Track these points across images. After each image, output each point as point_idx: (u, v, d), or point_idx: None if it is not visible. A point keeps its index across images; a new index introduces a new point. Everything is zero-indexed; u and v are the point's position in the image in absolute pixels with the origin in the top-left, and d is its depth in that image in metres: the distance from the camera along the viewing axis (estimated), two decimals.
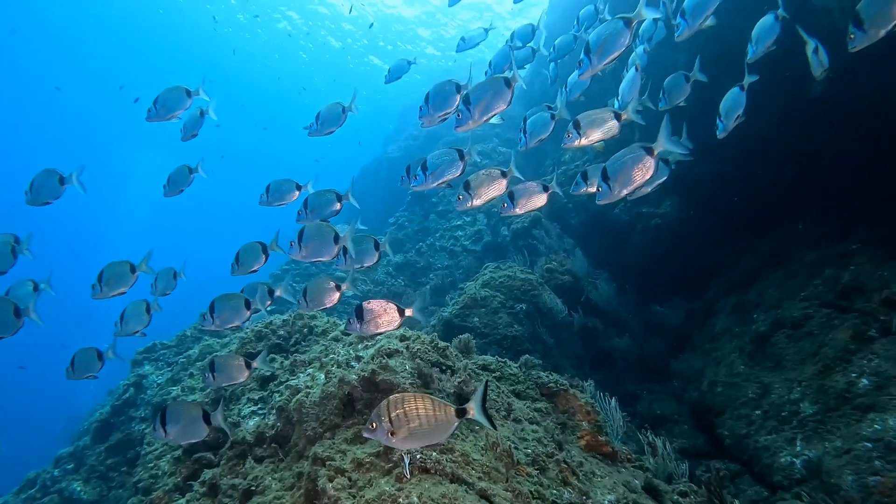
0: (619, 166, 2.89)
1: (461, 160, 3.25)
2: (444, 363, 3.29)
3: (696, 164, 6.68)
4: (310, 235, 3.29)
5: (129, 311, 3.73)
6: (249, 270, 3.66)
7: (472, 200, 3.24)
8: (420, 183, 3.32)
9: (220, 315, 3.43)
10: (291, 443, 3.23)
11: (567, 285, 7.75)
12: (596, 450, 3.44)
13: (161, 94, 3.89)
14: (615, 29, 3.25)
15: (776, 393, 5.83)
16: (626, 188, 2.94)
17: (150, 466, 4.33)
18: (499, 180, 3.22)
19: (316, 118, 3.92)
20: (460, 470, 2.54)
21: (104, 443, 6.57)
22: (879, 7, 2.80)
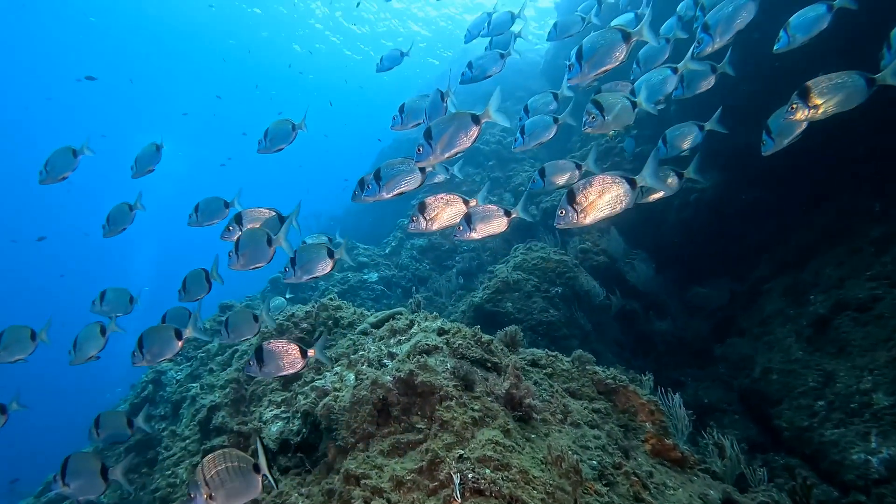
0: (592, 193, 2.71)
1: (421, 172, 3.07)
2: (488, 360, 2.88)
3: (738, 134, 6.12)
4: (245, 243, 3.15)
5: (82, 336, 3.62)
6: (194, 299, 3.68)
7: (430, 225, 3.06)
8: (373, 194, 3.12)
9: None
10: (319, 452, 2.86)
11: (602, 266, 7.28)
12: (663, 455, 3.02)
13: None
14: (612, 40, 3.14)
15: (842, 382, 5.32)
16: (592, 216, 2.77)
17: (168, 474, 4.04)
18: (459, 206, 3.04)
19: (265, 135, 3.87)
20: (519, 490, 2.14)
21: (123, 442, 6.33)
22: None
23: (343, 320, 3.97)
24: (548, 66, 12.12)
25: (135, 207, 4.16)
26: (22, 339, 3.65)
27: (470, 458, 2.23)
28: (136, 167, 4.37)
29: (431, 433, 2.44)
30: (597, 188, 2.70)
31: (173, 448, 4.46)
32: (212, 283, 3.75)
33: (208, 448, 3.83)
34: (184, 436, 4.52)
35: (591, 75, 3.29)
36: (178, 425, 4.82)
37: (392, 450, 2.49)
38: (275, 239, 3.17)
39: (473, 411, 2.47)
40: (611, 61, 3.19)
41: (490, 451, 2.25)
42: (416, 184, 3.09)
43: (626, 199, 2.66)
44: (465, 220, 2.99)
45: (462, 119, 3.00)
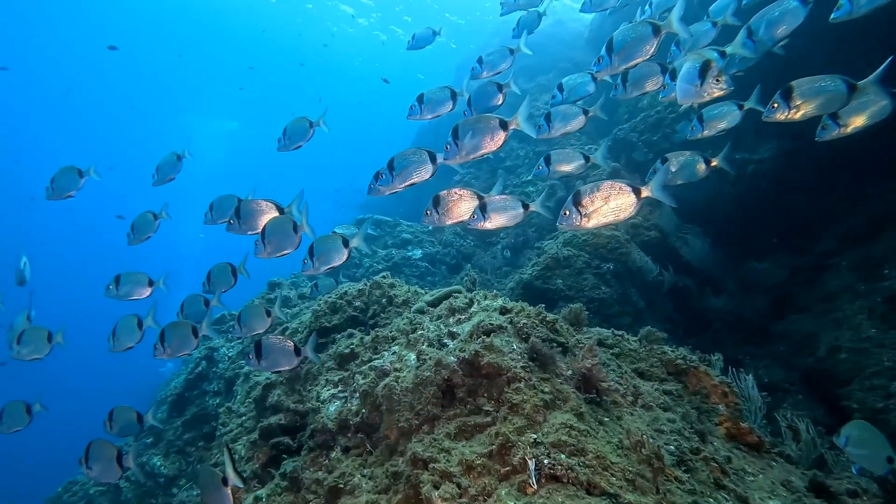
0: (598, 198, 2.68)
1: (433, 163, 3.12)
2: (554, 339, 2.76)
3: None
4: (271, 231, 3.24)
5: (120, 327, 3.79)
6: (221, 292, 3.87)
7: (443, 219, 3.13)
8: (386, 183, 3.18)
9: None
10: (381, 433, 2.81)
11: (653, 242, 7.01)
12: (738, 439, 2.87)
13: None
14: (642, 34, 3.11)
15: None
16: (595, 221, 2.73)
17: None
18: (471, 201, 3.08)
19: (284, 133, 3.91)
20: (597, 477, 2.03)
21: (180, 417, 6.53)
22: None
23: (397, 298, 3.91)
24: (593, 35, 11.64)
25: (159, 216, 4.28)
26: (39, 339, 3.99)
27: (544, 442, 2.13)
28: (157, 175, 4.48)
29: (500, 416, 2.35)
30: (603, 194, 2.67)
31: (230, 425, 4.53)
32: (238, 276, 3.86)
33: (265, 426, 3.86)
34: (239, 413, 4.59)
35: (620, 68, 3.29)
36: (232, 402, 4.90)
37: (459, 433, 2.41)
38: (300, 225, 3.24)
39: (544, 394, 2.36)
40: (641, 54, 3.17)
41: (565, 436, 2.15)
42: (428, 174, 3.15)
43: (630, 210, 2.66)
44: (479, 209, 3.01)
45: (490, 123, 3.05)
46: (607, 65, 3.30)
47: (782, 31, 3.56)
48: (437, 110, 3.68)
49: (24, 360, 4.14)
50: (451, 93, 3.62)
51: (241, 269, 3.94)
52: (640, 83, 3.93)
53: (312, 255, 3.23)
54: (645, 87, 3.93)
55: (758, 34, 3.73)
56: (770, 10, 3.53)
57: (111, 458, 3.24)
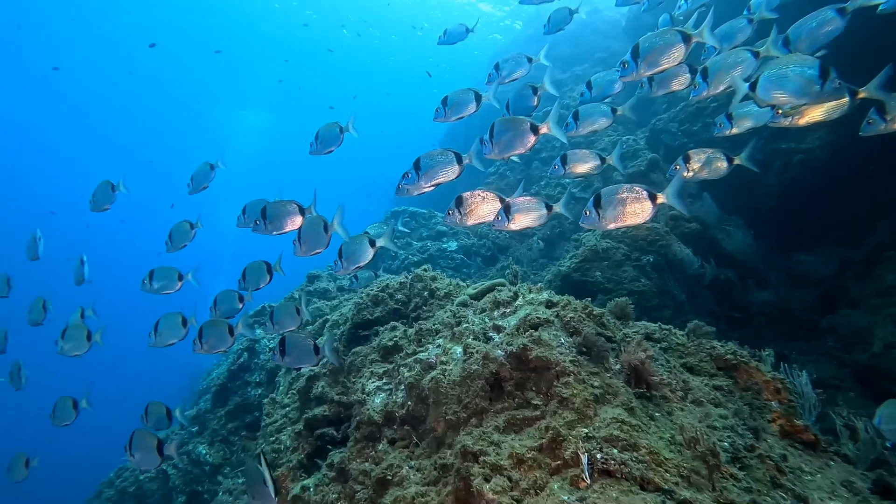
0: (616, 201, 2.77)
1: (459, 164, 3.22)
2: (602, 333, 2.73)
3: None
4: (307, 231, 3.40)
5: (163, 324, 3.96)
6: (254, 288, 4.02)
7: (465, 219, 3.23)
8: (412, 183, 3.30)
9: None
10: (427, 426, 2.84)
11: (694, 234, 6.84)
12: (793, 437, 2.78)
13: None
14: (671, 41, 3.13)
15: None
16: (613, 223, 2.81)
17: (272, 440, 4.20)
18: (494, 203, 3.15)
19: (315, 138, 4.05)
20: (651, 473, 2.01)
21: (224, 407, 6.72)
22: None
23: (439, 291, 3.93)
24: (631, 24, 11.38)
25: (195, 226, 4.49)
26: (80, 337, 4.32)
27: (596, 437, 2.11)
28: (192, 185, 4.68)
29: (550, 410, 2.34)
30: (622, 198, 2.77)
31: (274, 415, 4.64)
32: (273, 274, 3.98)
33: (310, 417, 3.94)
34: (283, 403, 4.69)
35: (645, 74, 3.30)
36: (275, 393, 5.01)
37: (507, 426, 2.42)
38: (331, 225, 3.39)
39: (594, 388, 2.34)
40: (668, 61, 3.18)
41: (616, 431, 2.13)
42: (454, 175, 3.24)
43: (646, 215, 2.76)
44: (503, 211, 3.09)
45: (522, 126, 3.24)
46: (633, 70, 3.31)
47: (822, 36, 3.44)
48: (461, 112, 3.76)
49: (67, 355, 4.37)
50: (474, 95, 3.71)
51: (276, 268, 4.04)
52: (666, 83, 3.94)
53: (342, 256, 3.41)
54: (671, 86, 3.92)
55: (795, 44, 3.61)
56: (808, 20, 3.43)
57: (152, 447, 3.45)
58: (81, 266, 5.23)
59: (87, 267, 5.26)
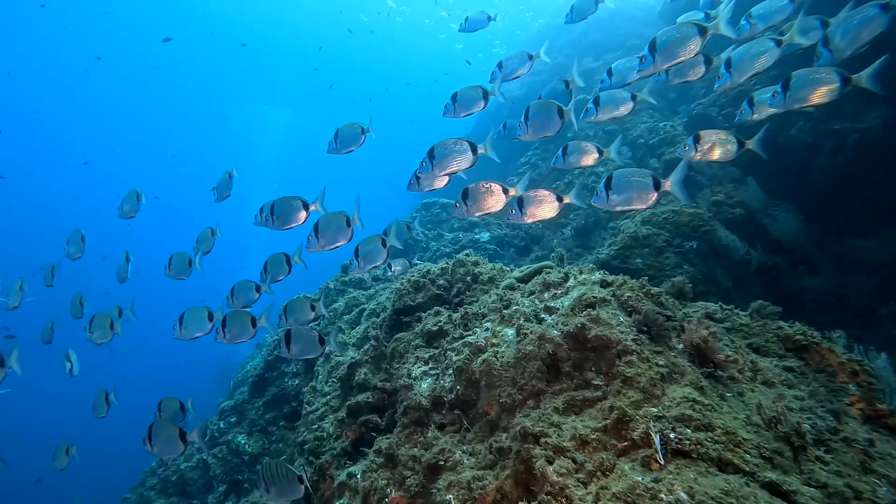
0: (625, 184, 2.92)
1: (473, 153, 3.29)
2: (661, 312, 2.59)
3: None
4: (325, 225, 3.43)
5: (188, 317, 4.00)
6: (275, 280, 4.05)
7: (471, 210, 3.26)
8: (426, 171, 3.37)
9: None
10: (478, 410, 2.75)
11: (738, 219, 6.59)
12: (876, 422, 2.59)
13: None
14: (687, 34, 3.16)
15: None
16: (620, 206, 2.96)
17: (314, 427, 4.16)
18: (498, 195, 3.21)
19: (335, 137, 4.10)
20: (729, 453, 1.88)
21: (261, 397, 6.74)
22: None
23: (482, 276, 3.82)
24: (666, 9, 11.04)
25: (215, 233, 4.66)
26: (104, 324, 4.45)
27: (666, 416, 1.99)
28: (217, 193, 4.86)
29: (612, 390, 2.22)
30: (629, 181, 2.93)
31: (315, 403, 4.61)
32: (293, 266, 3.98)
33: (353, 404, 3.89)
34: (324, 392, 4.66)
35: (663, 67, 3.34)
36: (315, 381, 4.99)
37: (567, 407, 2.31)
38: (352, 219, 3.42)
39: (659, 367, 2.21)
40: (685, 54, 3.20)
41: (688, 410, 2.00)
42: (468, 163, 3.30)
43: (649, 201, 2.89)
44: (516, 204, 3.14)
45: (551, 110, 3.43)
46: (650, 64, 3.35)
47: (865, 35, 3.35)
48: (469, 108, 3.83)
49: (95, 343, 4.50)
50: (483, 91, 3.77)
51: (295, 258, 4.03)
52: (682, 72, 3.94)
53: (357, 256, 3.54)
54: (688, 76, 3.94)
55: (834, 41, 3.57)
56: (850, 17, 3.36)
57: (173, 436, 3.47)
58: (126, 263, 5.32)
59: (131, 265, 5.34)
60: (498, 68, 4.43)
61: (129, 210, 5.07)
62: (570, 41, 12.80)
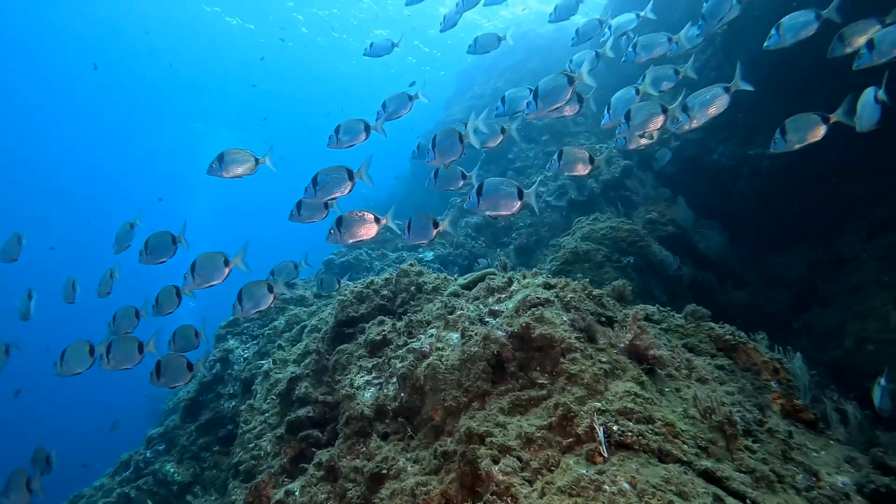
0: (494, 192, 3.25)
1: (350, 181, 3.51)
2: (603, 313, 2.67)
3: (816, 93, 5.69)
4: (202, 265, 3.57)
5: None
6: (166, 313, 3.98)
7: (344, 238, 3.45)
8: (310, 196, 3.56)
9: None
10: (423, 416, 2.70)
11: (671, 236, 6.94)
12: (794, 416, 2.75)
13: None
14: (559, 83, 3.65)
15: None
16: (489, 211, 3.30)
17: (251, 447, 3.97)
18: (371, 223, 3.44)
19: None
20: (669, 444, 1.93)
21: (194, 422, 6.36)
22: None
23: (426, 285, 3.81)
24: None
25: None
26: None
27: (609, 410, 2.02)
28: (116, 245, 4.60)
29: (557, 388, 2.24)
30: (497, 188, 3.26)
31: (252, 422, 4.40)
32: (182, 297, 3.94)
33: (293, 419, 3.74)
34: (262, 409, 4.46)
35: (545, 112, 3.78)
36: (253, 400, 4.78)
37: (513, 407, 2.31)
38: (233, 260, 3.56)
39: (602, 363, 2.26)
40: (561, 99, 3.70)
41: (630, 403, 2.05)
42: (348, 189, 3.54)
43: (513, 206, 3.21)
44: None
45: (454, 136, 3.67)
46: (534, 109, 3.77)
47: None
48: (352, 140, 4.01)
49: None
50: (364, 125, 3.96)
51: (186, 291, 3.87)
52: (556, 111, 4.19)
53: (241, 300, 3.60)
54: (564, 112, 4.23)
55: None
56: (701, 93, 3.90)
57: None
58: (28, 300, 4.99)
59: (34, 302, 5.00)
60: (382, 108, 4.59)
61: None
62: (510, 66, 13.25)
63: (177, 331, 4.18)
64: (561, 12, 5.45)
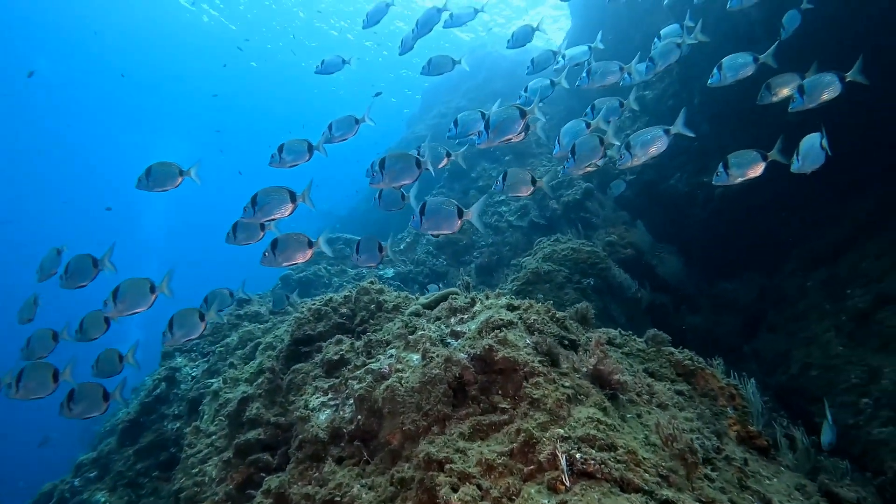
0: (436, 211, 3.40)
1: (291, 202, 3.51)
2: (566, 336, 2.65)
3: (764, 124, 5.97)
4: (125, 291, 3.46)
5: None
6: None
7: (278, 260, 3.46)
8: (249, 216, 3.55)
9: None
10: (381, 440, 2.60)
11: (630, 259, 7.08)
12: (748, 443, 2.79)
13: None
14: (511, 116, 3.77)
15: (888, 378, 5.13)
16: (431, 230, 3.48)
17: (194, 472, 3.75)
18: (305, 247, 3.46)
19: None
20: (631, 473, 1.90)
21: (133, 445, 5.97)
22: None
23: (387, 304, 3.72)
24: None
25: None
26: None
27: (572, 437, 1.99)
28: (40, 272, 4.40)
29: (519, 413, 2.20)
30: (439, 208, 3.45)
31: (198, 445, 4.17)
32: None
33: (242, 442, 3.55)
34: (209, 431, 4.24)
35: (496, 142, 3.89)
36: (200, 421, 4.53)
37: (473, 432, 2.24)
38: (159, 286, 3.52)
39: (565, 388, 2.23)
40: (511, 131, 3.81)
41: (593, 430, 2.01)
42: (288, 211, 3.52)
43: (454, 225, 3.41)
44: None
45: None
46: (485, 139, 3.89)
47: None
48: (296, 160, 4.07)
49: None
50: (308, 145, 4.04)
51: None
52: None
53: (171, 328, 3.61)
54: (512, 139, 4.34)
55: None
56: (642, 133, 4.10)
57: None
58: None
59: None
60: (328, 129, 4.65)
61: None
62: (473, 86, 13.43)
63: (100, 355, 3.97)
64: (518, 39, 5.66)
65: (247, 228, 3.66)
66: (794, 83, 4.27)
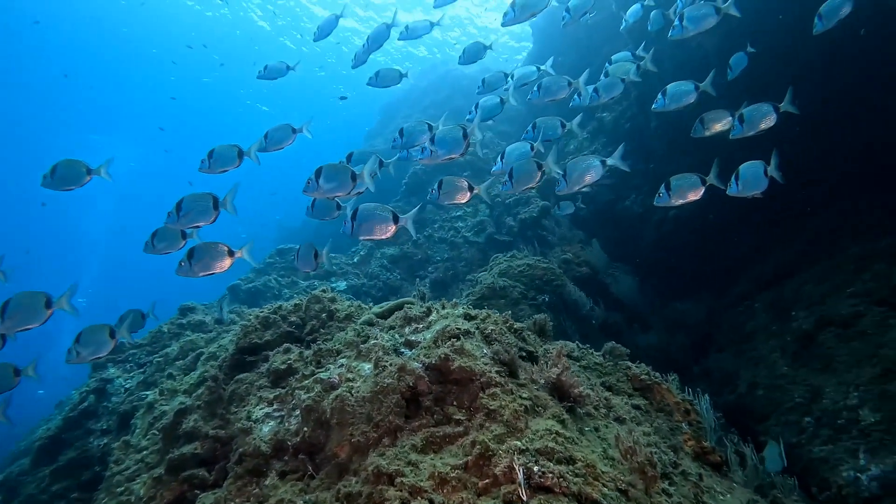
0: (369, 217, 3.41)
1: (215, 210, 3.51)
2: (524, 347, 2.58)
3: (715, 151, 6.21)
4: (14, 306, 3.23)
5: None
6: None
7: (195, 270, 3.42)
8: (172, 222, 3.52)
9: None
10: (327, 452, 2.44)
11: (585, 277, 7.14)
12: (703, 458, 2.77)
13: None
14: (454, 135, 3.88)
15: (829, 398, 5.29)
16: (363, 235, 3.49)
17: (119, 491, 3.45)
18: (224, 257, 3.42)
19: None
20: (589, 487, 1.82)
21: (51, 464, 5.43)
22: None
23: (339, 313, 3.56)
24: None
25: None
26: None
27: (529, 449, 1.90)
28: None
29: (475, 425, 2.09)
30: (372, 213, 3.45)
31: (126, 461, 3.85)
32: None
33: (175, 457, 3.29)
34: (140, 447, 3.93)
35: (439, 159, 3.97)
36: (130, 436, 4.21)
37: (426, 444, 2.12)
38: (56, 302, 3.28)
39: (522, 399, 2.14)
40: (455, 151, 3.90)
41: (551, 443, 1.93)
42: (211, 218, 3.51)
43: (388, 230, 3.38)
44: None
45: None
46: (429, 154, 3.96)
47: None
48: (224, 166, 4.00)
49: None
50: (238, 151, 3.98)
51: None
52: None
53: (78, 342, 3.43)
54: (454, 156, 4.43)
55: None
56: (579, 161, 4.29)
57: None
58: None
59: None
60: (264, 139, 4.61)
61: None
62: (434, 102, 13.52)
63: None
64: (469, 55, 5.85)
65: (166, 237, 3.49)
66: (726, 119, 4.56)
